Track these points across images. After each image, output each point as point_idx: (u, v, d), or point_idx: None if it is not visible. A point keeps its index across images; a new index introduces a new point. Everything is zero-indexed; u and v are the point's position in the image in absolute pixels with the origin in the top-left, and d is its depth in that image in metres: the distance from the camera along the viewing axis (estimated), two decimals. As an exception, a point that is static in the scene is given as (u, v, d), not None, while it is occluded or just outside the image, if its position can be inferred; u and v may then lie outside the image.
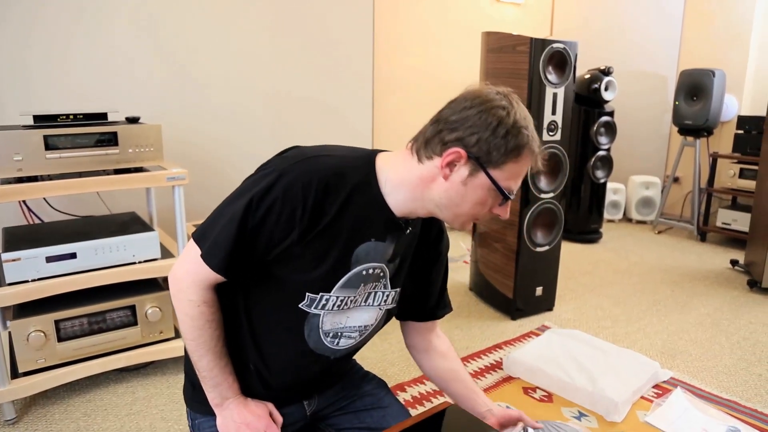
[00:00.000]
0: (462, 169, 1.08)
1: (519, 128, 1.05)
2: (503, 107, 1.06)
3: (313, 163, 1.09)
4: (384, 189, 1.14)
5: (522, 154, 1.07)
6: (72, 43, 2.67)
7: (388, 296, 1.26)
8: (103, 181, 2.19)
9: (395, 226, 1.18)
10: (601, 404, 2.11)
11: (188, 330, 1.13)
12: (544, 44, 2.84)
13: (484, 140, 1.05)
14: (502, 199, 1.11)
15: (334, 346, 1.23)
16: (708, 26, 4.77)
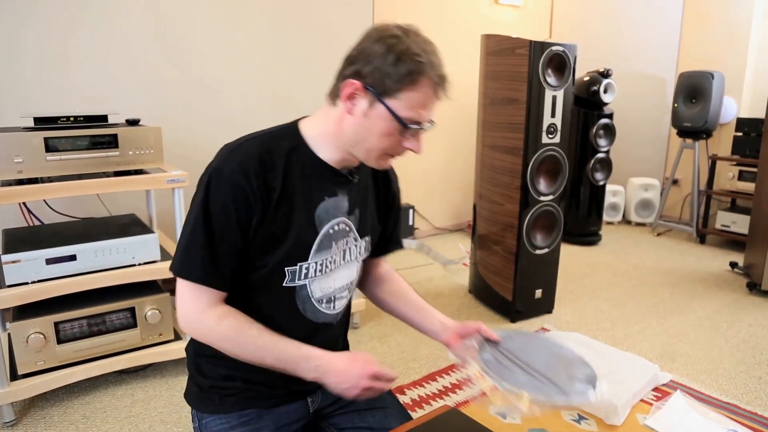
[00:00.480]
0: (362, 101, 1.10)
1: (411, 54, 1.05)
2: (395, 36, 1.07)
3: (240, 149, 1.13)
4: (314, 147, 1.18)
5: (418, 81, 1.06)
6: (72, 45, 2.67)
7: (361, 247, 1.30)
8: (103, 183, 2.19)
9: (341, 179, 1.22)
10: (601, 407, 2.10)
11: (236, 351, 1.14)
12: (544, 47, 2.85)
13: (377, 69, 1.06)
14: (405, 130, 1.10)
15: (332, 311, 1.26)
16: (706, 28, 4.78)
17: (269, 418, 1.26)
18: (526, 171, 2.91)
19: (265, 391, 1.26)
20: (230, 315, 1.13)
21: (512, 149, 2.97)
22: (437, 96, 1.10)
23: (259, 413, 1.26)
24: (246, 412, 1.25)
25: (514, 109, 2.93)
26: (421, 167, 4.72)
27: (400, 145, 1.13)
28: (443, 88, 1.11)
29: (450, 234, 4.98)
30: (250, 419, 1.24)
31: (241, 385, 1.25)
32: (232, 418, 1.24)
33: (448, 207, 5.03)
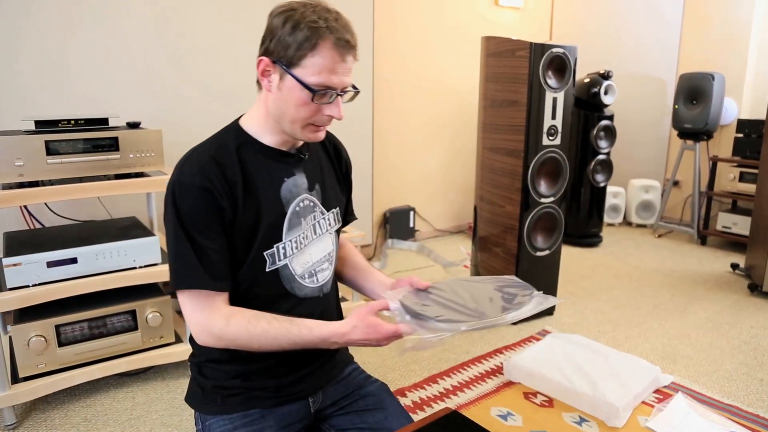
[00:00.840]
0: (274, 76, 1.15)
1: (307, 21, 1.09)
2: (292, 8, 1.12)
3: (194, 157, 1.18)
4: (258, 136, 1.24)
5: (317, 45, 1.10)
6: (73, 48, 2.67)
7: (329, 219, 1.35)
8: (103, 186, 2.19)
9: (292, 159, 1.28)
10: (602, 409, 2.10)
11: (253, 346, 1.16)
12: (544, 49, 2.85)
13: (279, 41, 1.12)
14: (319, 97, 1.13)
15: (316, 284, 1.30)
16: (707, 30, 4.78)
17: (272, 418, 1.27)
18: (526, 173, 2.92)
19: (267, 389, 1.27)
20: (237, 313, 1.16)
21: (513, 151, 2.97)
22: (342, 59, 1.12)
23: (262, 413, 1.27)
24: (249, 413, 1.26)
25: (515, 111, 2.93)
26: (421, 169, 4.72)
27: (321, 113, 1.17)
28: (347, 50, 1.12)
29: (451, 236, 4.97)
30: (254, 419, 1.25)
31: (242, 383, 1.26)
32: (235, 419, 1.25)
33: (448, 209, 5.03)
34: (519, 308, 1.16)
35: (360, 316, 1.13)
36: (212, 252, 1.15)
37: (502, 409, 2.20)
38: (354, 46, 1.14)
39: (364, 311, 1.14)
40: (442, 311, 1.15)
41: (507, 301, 1.21)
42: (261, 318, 1.15)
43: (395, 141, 4.45)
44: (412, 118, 4.55)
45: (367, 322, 1.12)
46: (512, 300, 1.21)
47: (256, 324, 1.14)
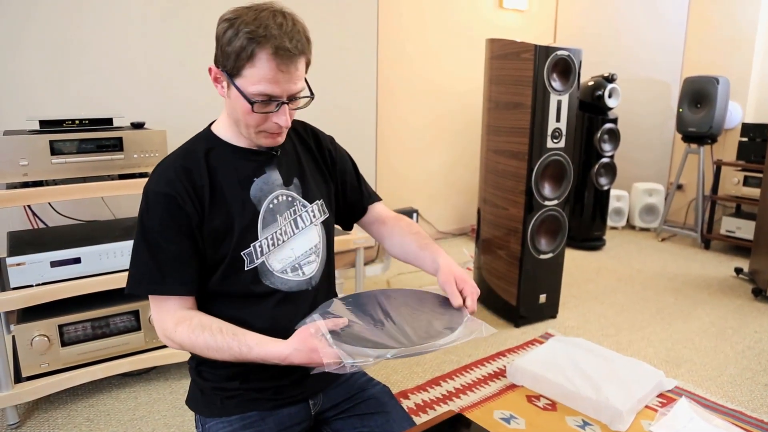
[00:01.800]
0: (224, 83, 1.17)
1: (243, 31, 1.08)
2: (235, 15, 1.11)
3: (163, 164, 1.22)
4: (228, 139, 1.26)
5: (253, 56, 1.08)
6: (77, 48, 2.68)
7: (313, 211, 1.33)
8: (107, 186, 2.19)
9: (262, 157, 1.28)
10: (606, 413, 2.10)
11: (198, 353, 1.16)
12: (549, 51, 2.84)
13: (221, 50, 1.13)
14: (261, 106, 1.13)
15: (303, 277, 1.29)
16: (712, 33, 4.77)
17: (271, 420, 1.27)
18: (530, 175, 2.91)
19: (266, 392, 1.27)
20: (185, 320, 1.16)
21: (517, 153, 2.97)
22: (283, 68, 1.10)
23: (261, 415, 1.27)
24: (248, 415, 1.26)
25: (519, 114, 2.93)
26: (424, 171, 4.72)
27: (269, 120, 1.17)
28: (288, 59, 1.10)
29: (454, 238, 4.97)
30: (253, 422, 1.25)
31: (241, 385, 1.27)
32: (234, 421, 1.25)
33: (451, 211, 5.02)
34: (449, 334, 1.10)
35: (302, 338, 1.07)
36: (170, 257, 1.16)
37: (505, 412, 2.20)
38: (298, 53, 1.11)
39: (307, 333, 1.08)
40: (369, 335, 1.09)
41: (440, 324, 1.15)
42: (206, 329, 1.13)
43: (398, 143, 4.45)
44: (416, 120, 4.55)
45: (310, 345, 1.05)
46: (446, 323, 1.16)
47: (200, 335, 1.13)
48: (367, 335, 1.09)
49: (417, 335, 1.09)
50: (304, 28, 1.16)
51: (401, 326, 1.13)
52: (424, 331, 1.11)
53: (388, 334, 1.10)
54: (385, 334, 1.10)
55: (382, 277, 3.84)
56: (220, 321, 1.17)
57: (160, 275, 1.16)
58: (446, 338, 1.09)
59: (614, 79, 4.47)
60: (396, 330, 1.12)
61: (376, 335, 1.09)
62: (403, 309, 1.22)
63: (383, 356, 1.02)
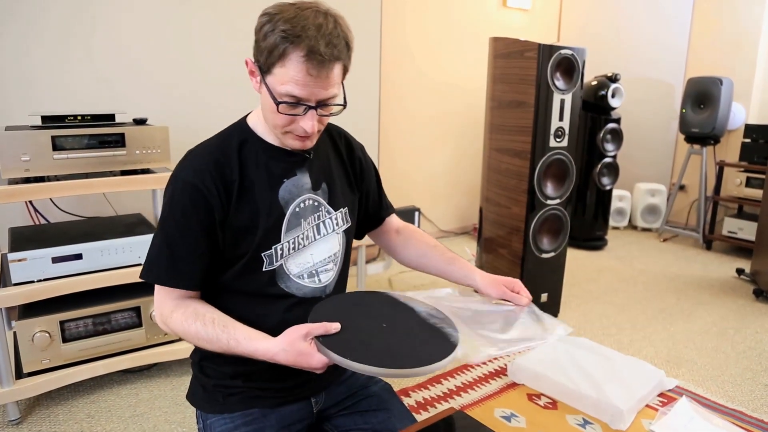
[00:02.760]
0: (258, 77, 1.13)
1: (280, 29, 1.04)
2: (277, 10, 1.07)
3: (195, 152, 1.19)
4: (262, 134, 1.23)
5: (285, 55, 1.04)
6: (80, 44, 2.68)
7: (337, 218, 1.31)
8: (109, 183, 2.20)
9: (295, 159, 1.24)
10: (606, 412, 2.09)
11: (191, 342, 1.16)
12: (552, 50, 2.84)
13: (256, 45, 1.10)
14: (286, 107, 1.09)
15: (318, 285, 1.27)
16: (716, 34, 4.76)
17: (273, 417, 1.26)
18: (533, 174, 2.91)
19: (268, 390, 1.27)
20: (181, 307, 1.15)
21: (519, 152, 2.96)
22: (314, 72, 1.05)
23: (263, 413, 1.26)
24: (250, 412, 1.26)
25: (522, 113, 2.92)
26: (427, 170, 4.72)
27: (295, 122, 1.13)
28: (320, 64, 1.05)
29: (456, 237, 4.97)
30: (254, 418, 1.25)
31: (243, 383, 1.26)
32: (236, 418, 1.24)
33: (454, 210, 5.02)
34: (443, 359, 1.04)
35: (290, 340, 1.05)
36: (187, 252, 1.15)
37: (506, 410, 2.19)
38: (332, 58, 1.06)
39: (297, 335, 1.05)
40: (363, 344, 1.05)
41: (437, 343, 1.09)
42: (198, 318, 1.13)
43: (401, 141, 4.44)
44: (419, 119, 4.54)
45: (298, 348, 1.03)
46: (441, 341, 1.10)
47: (192, 323, 1.13)
48: (361, 344, 1.04)
49: (408, 357, 1.03)
50: (346, 33, 1.10)
51: (399, 341, 1.08)
52: (415, 352, 1.05)
53: (384, 347, 1.05)
54: (381, 347, 1.05)
55: (384, 275, 3.83)
56: (215, 311, 1.16)
57: (171, 267, 1.15)
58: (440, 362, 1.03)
59: (618, 78, 4.46)
60: (393, 343, 1.07)
61: (372, 347, 1.04)
62: (407, 321, 1.17)
63: (369, 373, 0.98)
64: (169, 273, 1.16)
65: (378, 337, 1.08)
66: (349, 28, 1.13)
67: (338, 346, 1.02)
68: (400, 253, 1.51)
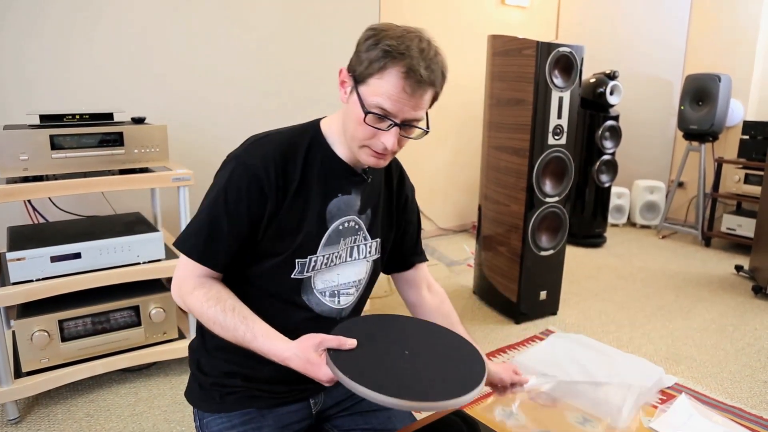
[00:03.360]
0: (348, 87, 1.13)
1: (385, 42, 1.05)
2: (384, 28, 1.09)
3: (265, 140, 1.18)
4: (332, 144, 1.22)
5: (386, 68, 1.05)
6: (78, 43, 2.67)
7: (371, 247, 1.31)
8: (108, 182, 2.19)
9: (356, 178, 1.24)
10: (606, 409, 2.10)
11: (205, 323, 1.14)
12: (551, 48, 2.84)
13: (357, 55, 1.10)
14: (374, 120, 1.09)
15: (336, 306, 1.27)
16: (714, 31, 4.76)
17: (271, 417, 1.26)
18: (531, 172, 2.91)
19: (267, 390, 1.26)
20: (204, 286, 1.14)
21: (518, 150, 2.96)
22: (409, 90, 1.06)
23: (260, 413, 1.26)
24: (247, 411, 1.25)
25: (521, 110, 2.92)
26: (426, 168, 4.72)
27: (376, 137, 1.12)
28: (417, 84, 1.06)
29: (455, 235, 4.97)
30: (252, 418, 1.24)
31: (242, 383, 1.25)
32: (233, 417, 1.24)
33: (452, 208, 5.02)
34: (462, 395, 0.96)
35: (304, 347, 1.04)
36: (227, 235, 1.14)
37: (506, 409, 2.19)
38: (429, 82, 1.07)
39: (310, 343, 1.04)
40: (376, 370, 1.00)
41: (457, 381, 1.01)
42: (219, 302, 1.12)
43: (400, 139, 4.44)
44: (417, 117, 4.53)
45: (308, 357, 1.03)
46: (461, 380, 1.01)
47: (212, 306, 1.11)
48: (371, 367, 1.00)
49: (413, 390, 0.96)
50: (444, 63, 1.11)
51: (412, 370, 1.02)
52: (423, 386, 0.99)
53: (394, 374, 1.00)
54: (391, 373, 0.99)
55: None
56: (236, 300, 1.14)
57: (207, 245, 1.14)
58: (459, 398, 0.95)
59: (616, 76, 4.46)
60: (405, 371, 1.01)
61: (381, 371, 1.00)
62: (433, 351, 1.11)
63: (366, 397, 0.93)
64: (203, 250, 1.15)
65: (393, 362, 1.03)
66: (446, 61, 1.13)
67: (346, 364, 0.99)
68: (411, 308, 1.48)
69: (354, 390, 0.94)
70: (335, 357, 1.00)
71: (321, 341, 1.03)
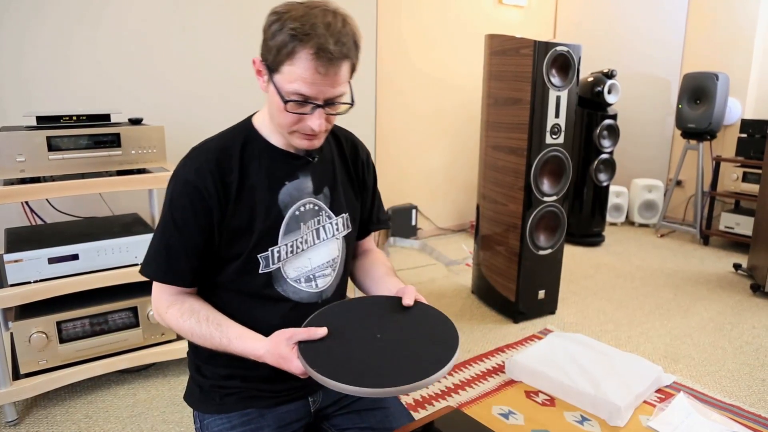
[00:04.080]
0: (265, 77, 1.12)
1: (288, 26, 1.03)
2: (285, 9, 1.06)
3: (198, 152, 1.18)
4: (266, 135, 1.22)
5: (293, 53, 1.03)
6: (75, 44, 2.67)
7: (338, 224, 1.30)
8: (105, 183, 2.19)
9: (298, 161, 1.24)
10: (604, 408, 2.10)
11: (186, 337, 1.18)
12: (548, 47, 2.84)
13: (265, 43, 1.08)
14: (295, 106, 1.08)
15: (315, 289, 1.27)
16: (711, 29, 4.77)
17: (270, 417, 1.26)
18: (529, 171, 2.91)
19: (266, 390, 1.26)
20: (177, 303, 1.18)
21: (516, 149, 2.96)
22: (322, 70, 1.04)
23: (260, 412, 1.26)
24: (247, 412, 1.26)
25: (518, 110, 2.92)
26: (424, 167, 4.72)
27: (302, 121, 1.12)
28: (329, 62, 1.04)
29: (453, 234, 4.97)
30: (251, 418, 1.25)
31: (241, 384, 1.26)
32: (233, 418, 1.24)
33: (451, 207, 5.02)
34: (433, 374, 0.97)
35: (275, 342, 1.07)
36: (182, 251, 1.16)
37: (504, 408, 2.19)
38: (341, 56, 1.05)
39: (282, 338, 1.06)
40: (347, 357, 1.02)
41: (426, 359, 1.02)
42: (193, 314, 1.16)
43: (398, 138, 4.44)
44: (415, 116, 4.54)
45: (279, 352, 1.05)
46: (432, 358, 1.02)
47: (187, 320, 1.15)
48: (343, 359, 1.01)
49: (380, 376, 0.97)
50: (355, 32, 1.09)
51: (383, 355, 1.03)
52: (390, 371, 0.99)
53: (366, 363, 1.01)
54: (360, 362, 1.01)
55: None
56: (210, 309, 1.18)
57: (167, 265, 1.17)
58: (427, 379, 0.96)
59: (614, 75, 4.46)
60: (376, 357, 1.02)
61: (351, 361, 1.01)
62: (406, 331, 1.11)
63: (335, 388, 0.95)
64: (165, 270, 1.17)
65: (363, 349, 1.05)
66: (358, 27, 1.11)
67: (316, 357, 1.01)
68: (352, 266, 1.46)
69: (318, 380, 0.97)
70: (306, 349, 1.03)
71: (291, 335, 1.06)
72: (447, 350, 1.04)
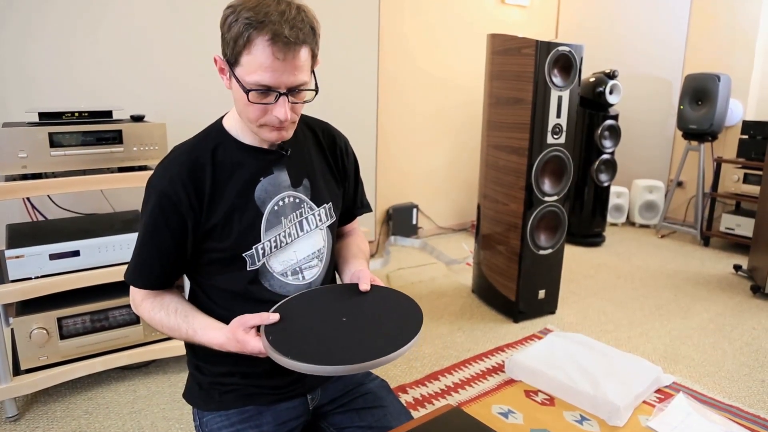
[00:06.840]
0: (227, 73, 1.12)
1: (242, 17, 1.04)
2: (233, 5, 1.07)
3: (170, 159, 1.20)
4: (237, 135, 1.23)
5: (250, 42, 1.04)
6: (77, 40, 2.67)
7: (320, 215, 1.31)
8: (107, 179, 2.19)
9: (271, 156, 1.25)
10: (603, 408, 2.10)
11: (158, 329, 1.23)
12: (550, 47, 2.84)
13: (222, 39, 1.09)
14: (258, 96, 1.09)
15: (302, 281, 1.28)
16: (714, 31, 4.76)
17: (269, 414, 1.27)
18: (530, 171, 2.91)
19: (265, 386, 1.27)
20: (150, 297, 1.22)
21: (517, 149, 2.96)
22: (280, 56, 1.05)
23: (259, 410, 1.26)
24: (246, 409, 1.26)
25: (520, 109, 2.92)
26: (425, 166, 4.72)
27: (268, 113, 1.12)
28: (286, 47, 1.04)
29: (453, 233, 4.97)
30: (251, 416, 1.25)
31: (240, 381, 1.26)
32: (232, 415, 1.25)
33: (451, 206, 5.02)
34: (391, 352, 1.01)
35: (232, 329, 1.10)
36: (153, 254, 1.19)
37: (504, 407, 2.20)
38: (298, 42, 1.05)
39: (237, 324, 1.10)
40: (307, 340, 1.06)
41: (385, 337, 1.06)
42: (163, 308, 1.20)
43: (399, 137, 4.44)
44: (417, 115, 4.54)
45: (236, 337, 1.09)
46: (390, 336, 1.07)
47: (157, 312, 1.20)
48: (304, 340, 1.06)
49: (357, 353, 1.01)
50: (310, 18, 1.09)
51: (346, 336, 1.07)
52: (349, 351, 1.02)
53: (327, 343, 1.05)
54: (321, 342, 1.05)
55: (381, 271, 3.83)
56: (179, 301, 1.22)
57: (137, 269, 1.21)
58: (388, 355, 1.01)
59: (615, 75, 4.46)
60: (338, 338, 1.06)
61: (313, 342, 1.05)
62: (370, 313, 1.16)
63: (295, 368, 0.99)
64: (135, 273, 1.21)
65: (327, 330, 1.09)
66: (315, 16, 1.12)
67: (278, 338, 1.05)
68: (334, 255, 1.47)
69: (279, 362, 1.01)
70: (270, 331, 1.07)
71: (245, 320, 1.09)
72: (414, 323, 1.11)
